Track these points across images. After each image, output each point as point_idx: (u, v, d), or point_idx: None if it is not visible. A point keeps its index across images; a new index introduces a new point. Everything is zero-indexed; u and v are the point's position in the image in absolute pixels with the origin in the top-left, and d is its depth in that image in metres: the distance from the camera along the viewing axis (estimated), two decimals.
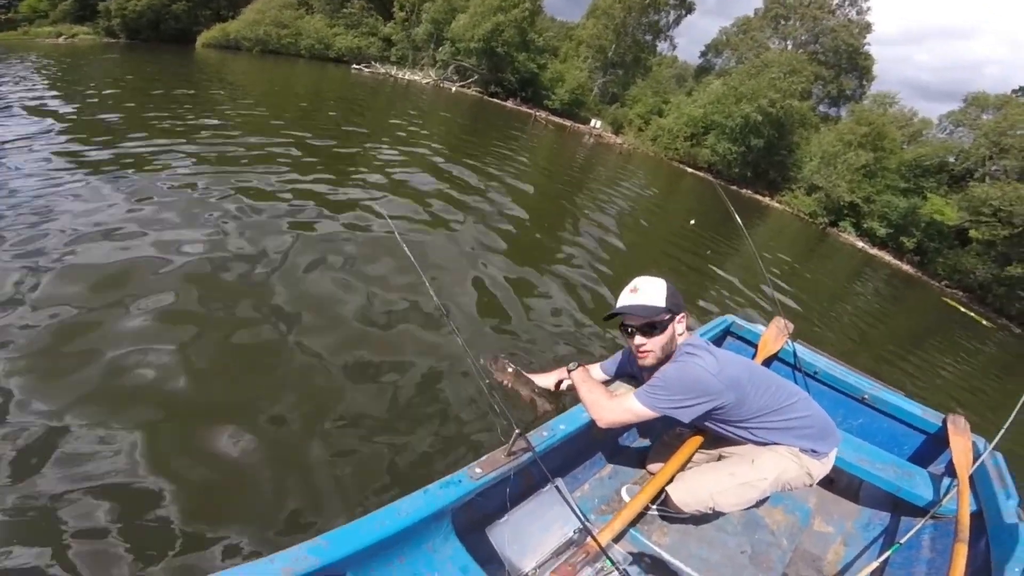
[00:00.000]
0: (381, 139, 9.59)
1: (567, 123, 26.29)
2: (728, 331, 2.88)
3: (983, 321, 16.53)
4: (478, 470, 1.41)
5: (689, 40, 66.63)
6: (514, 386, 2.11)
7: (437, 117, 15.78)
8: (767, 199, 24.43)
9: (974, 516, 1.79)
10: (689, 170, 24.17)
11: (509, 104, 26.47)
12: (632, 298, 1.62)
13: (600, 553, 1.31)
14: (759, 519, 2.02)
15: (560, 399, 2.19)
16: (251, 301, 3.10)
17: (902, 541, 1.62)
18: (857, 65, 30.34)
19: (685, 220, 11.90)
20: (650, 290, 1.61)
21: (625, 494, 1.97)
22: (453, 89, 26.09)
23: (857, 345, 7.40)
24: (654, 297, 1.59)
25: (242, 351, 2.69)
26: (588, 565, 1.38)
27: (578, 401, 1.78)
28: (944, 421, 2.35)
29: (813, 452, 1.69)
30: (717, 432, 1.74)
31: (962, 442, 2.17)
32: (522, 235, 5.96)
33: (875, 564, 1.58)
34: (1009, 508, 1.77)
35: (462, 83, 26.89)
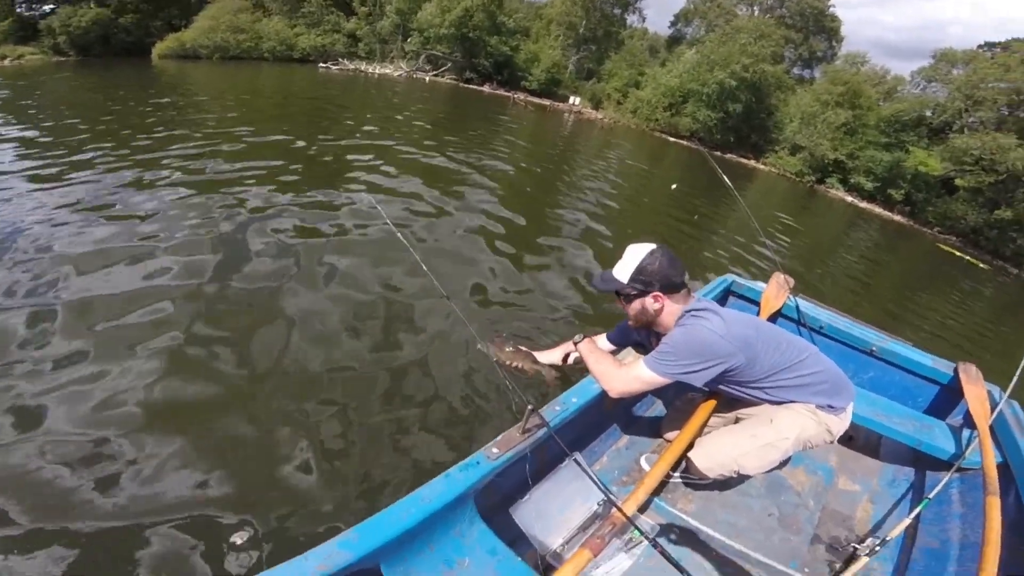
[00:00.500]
0: (361, 134, 9.29)
1: (546, 103, 26.06)
2: (729, 291, 2.83)
3: (979, 264, 16.82)
4: (495, 450, 1.41)
5: (658, 11, 66.47)
6: (521, 365, 2.06)
7: (415, 108, 15.36)
8: (752, 162, 24.64)
9: (1000, 467, 1.76)
10: (672, 139, 24.30)
11: (486, 89, 26.09)
12: (613, 268, 1.59)
13: (627, 524, 1.29)
14: (782, 481, 1.99)
15: (569, 373, 2.17)
16: (257, 310, 3.12)
17: (931, 496, 1.60)
18: (825, 27, 30.75)
19: (682, 185, 11.91)
20: (624, 261, 1.56)
21: (644, 463, 1.95)
22: (427, 79, 25.52)
23: (858, 296, 7.43)
24: (622, 271, 1.55)
25: (254, 353, 2.72)
26: (616, 536, 1.35)
27: (587, 374, 1.75)
28: (955, 370, 2.31)
29: (830, 408, 1.64)
30: (731, 394, 1.70)
31: (977, 391, 2.14)
32: (515, 214, 5.96)
33: (907, 521, 1.54)
34: None
35: (435, 72, 26.31)
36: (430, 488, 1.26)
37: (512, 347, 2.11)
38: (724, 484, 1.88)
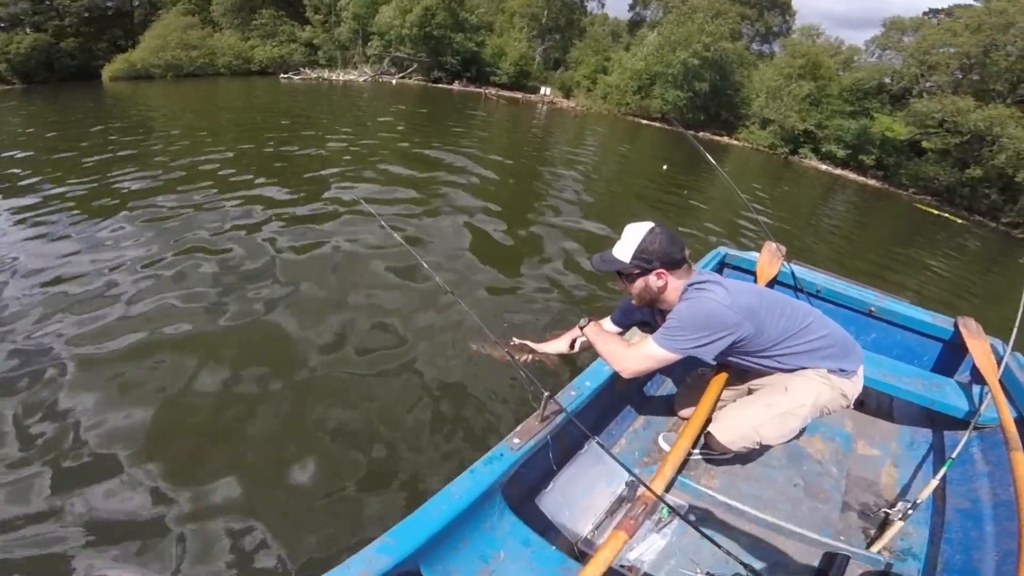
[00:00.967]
0: (334, 144, 9.08)
1: (518, 96, 25.91)
2: (723, 263, 2.83)
3: (956, 220, 17.29)
4: (516, 440, 1.40)
5: None
6: (530, 357, 2.04)
7: (386, 112, 15.09)
8: (725, 138, 24.87)
9: (1017, 423, 1.76)
10: (644, 122, 24.46)
11: (456, 87, 25.81)
12: (612, 249, 1.57)
13: (657, 502, 1.28)
14: (802, 450, 1.97)
15: (577, 360, 2.16)
16: (263, 325, 3.09)
17: (953, 457, 1.62)
18: (777, 2, 31.22)
19: (656, 166, 12.15)
20: (624, 241, 1.54)
21: (663, 443, 1.94)
22: (394, 82, 25.15)
23: (845, 257, 7.61)
24: (622, 250, 1.52)
25: (267, 364, 2.71)
26: (647, 517, 1.35)
27: (597, 358, 1.74)
28: (955, 325, 2.30)
29: (842, 371, 1.63)
30: (742, 365, 1.68)
31: (980, 345, 2.13)
32: (502, 207, 5.97)
33: (935, 482, 1.55)
34: None
35: (402, 74, 25.94)
36: (457, 485, 1.25)
37: (517, 340, 2.09)
38: (745, 458, 1.87)
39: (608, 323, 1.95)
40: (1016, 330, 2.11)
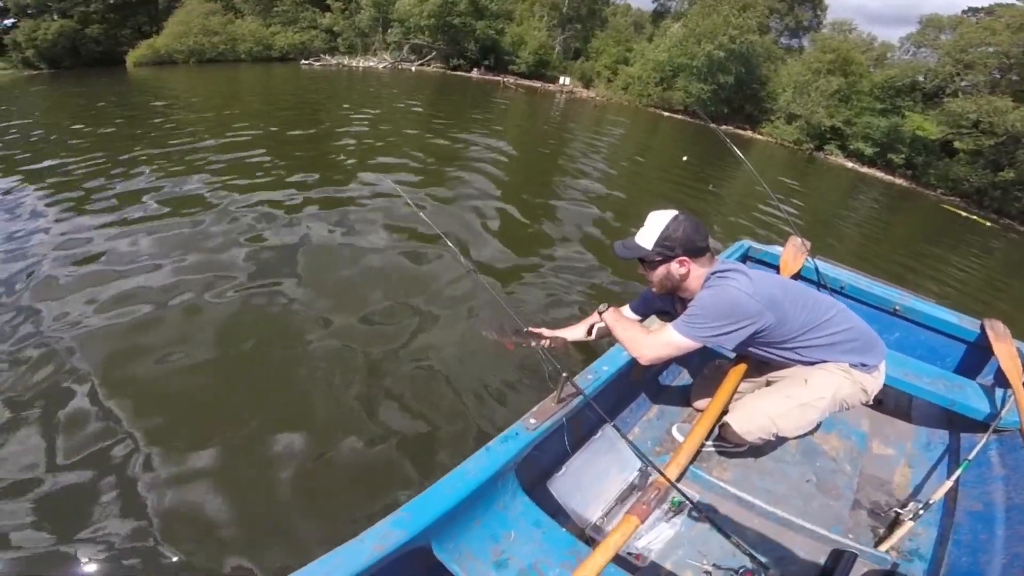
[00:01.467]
0: (357, 127, 9.17)
1: (537, 85, 25.67)
2: (746, 256, 2.80)
3: (985, 223, 16.72)
4: (532, 421, 1.41)
5: None
6: (548, 343, 1.98)
7: (406, 98, 15.14)
8: (748, 132, 24.39)
9: None
10: (665, 114, 24.10)
11: (474, 75, 25.68)
12: (635, 236, 1.55)
13: (670, 490, 1.30)
14: (816, 447, 1.96)
15: (595, 348, 2.15)
16: (281, 302, 3.14)
17: (970, 458, 1.60)
18: None
19: (676, 157, 11.97)
20: (647, 228, 1.51)
21: (676, 433, 1.93)
22: (413, 69, 25.08)
23: (870, 254, 7.47)
24: (645, 237, 1.50)
25: (294, 344, 2.77)
26: (659, 504, 1.36)
27: (613, 345, 1.74)
28: (982, 327, 2.25)
29: (863, 366, 1.60)
30: (761, 356, 1.66)
31: (1006, 348, 2.08)
32: (524, 190, 5.99)
33: (948, 484, 1.54)
34: None
35: (421, 61, 25.86)
36: (473, 462, 1.27)
37: (534, 325, 2.03)
38: (758, 451, 1.85)
39: (627, 310, 1.91)
40: None
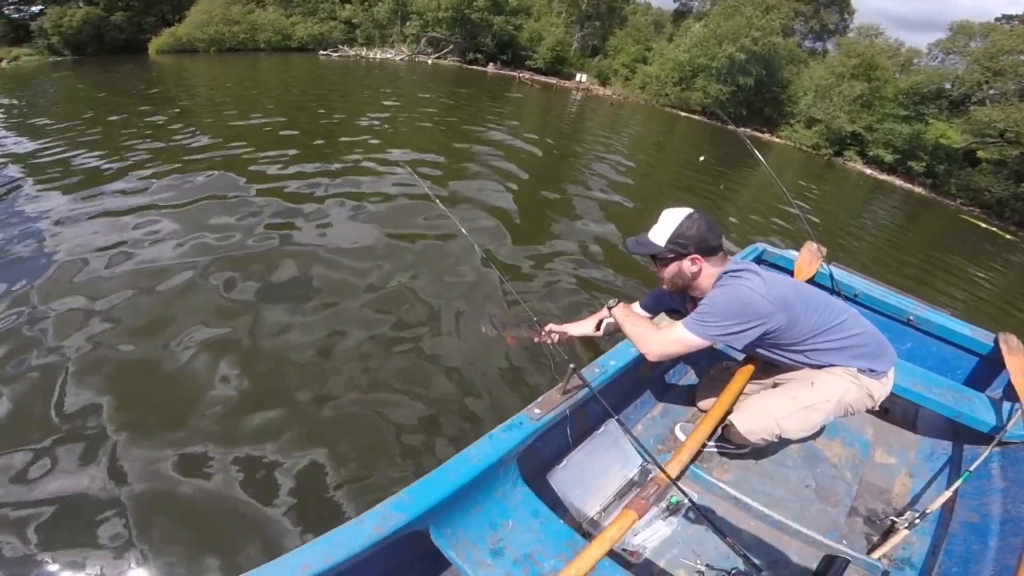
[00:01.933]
0: (376, 117, 9.24)
1: (552, 81, 25.58)
2: (760, 259, 2.79)
3: (1005, 235, 16.37)
4: (537, 411, 1.42)
5: None
6: (557, 338, 2.00)
7: (424, 90, 15.23)
8: (767, 135, 24.17)
9: None
10: (683, 114, 23.92)
11: (490, 70, 25.66)
12: (649, 232, 1.55)
13: (669, 487, 1.29)
14: (818, 452, 1.96)
15: (602, 344, 2.13)
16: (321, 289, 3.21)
17: (971, 470, 1.59)
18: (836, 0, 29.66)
19: (692, 157, 11.86)
20: (661, 224, 1.51)
21: (679, 432, 1.93)
22: (429, 62, 25.07)
23: (885, 262, 7.37)
24: (659, 234, 1.51)
25: (314, 330, 2.82)
26: (657, 503, 1.33)
27: (621, 340, 1.74)
28: (996, 341, 2.24)
29: (871, 372, 1.59)
30: (770, 358, 1.65)
31: (1019, 362, 2.07)
32: (538, 183, 6.00)
33: (947, 495, 1.54)
34: None
35: (437, 55, 25.84)
36: (476, 449, 1.27)
37: (542, 322, 2.04)
38: (760, 454, 1.85)
39: (637, 307, 1.91)
40: None
